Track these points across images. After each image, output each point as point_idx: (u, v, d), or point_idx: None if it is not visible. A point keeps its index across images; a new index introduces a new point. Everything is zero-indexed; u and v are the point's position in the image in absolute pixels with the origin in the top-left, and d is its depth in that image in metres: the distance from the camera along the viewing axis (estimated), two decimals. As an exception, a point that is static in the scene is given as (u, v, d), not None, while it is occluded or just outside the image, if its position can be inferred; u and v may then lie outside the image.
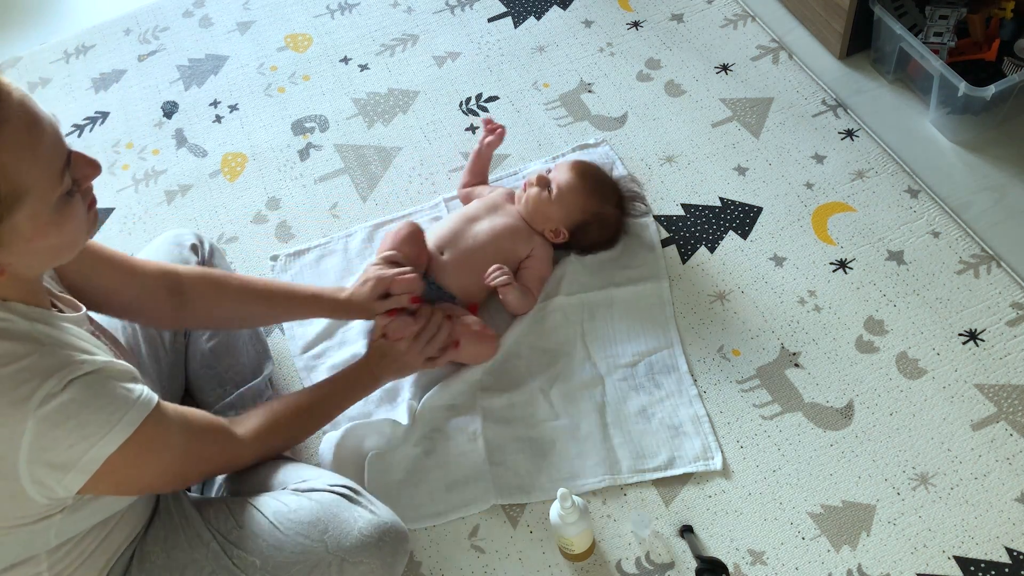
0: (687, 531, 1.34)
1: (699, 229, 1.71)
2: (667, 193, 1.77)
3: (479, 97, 2.00)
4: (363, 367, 1.37)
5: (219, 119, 2.04)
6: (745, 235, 1.69)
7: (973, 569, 1.28)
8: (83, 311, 1.06)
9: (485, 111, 1.96)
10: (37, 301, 0.97)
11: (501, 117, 1.94)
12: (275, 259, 1.75)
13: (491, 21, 2.15)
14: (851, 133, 1.82)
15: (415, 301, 1.42)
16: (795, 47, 2.00)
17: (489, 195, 1.69)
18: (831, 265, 1.62)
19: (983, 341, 1.50)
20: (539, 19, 2.14)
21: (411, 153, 1.91)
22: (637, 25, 2.09)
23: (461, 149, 1.89)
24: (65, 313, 1.02)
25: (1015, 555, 1.29)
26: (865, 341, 1.52)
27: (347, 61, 2.12)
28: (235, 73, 2.13)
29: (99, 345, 1.02)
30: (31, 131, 0.85)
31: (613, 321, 1.58)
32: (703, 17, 2.09)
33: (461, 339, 1.46)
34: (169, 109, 2.08)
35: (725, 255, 1.67)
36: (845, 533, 1.33)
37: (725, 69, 1.97)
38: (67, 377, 0.90)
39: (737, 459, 1.41)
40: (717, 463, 1.40)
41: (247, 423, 1.18)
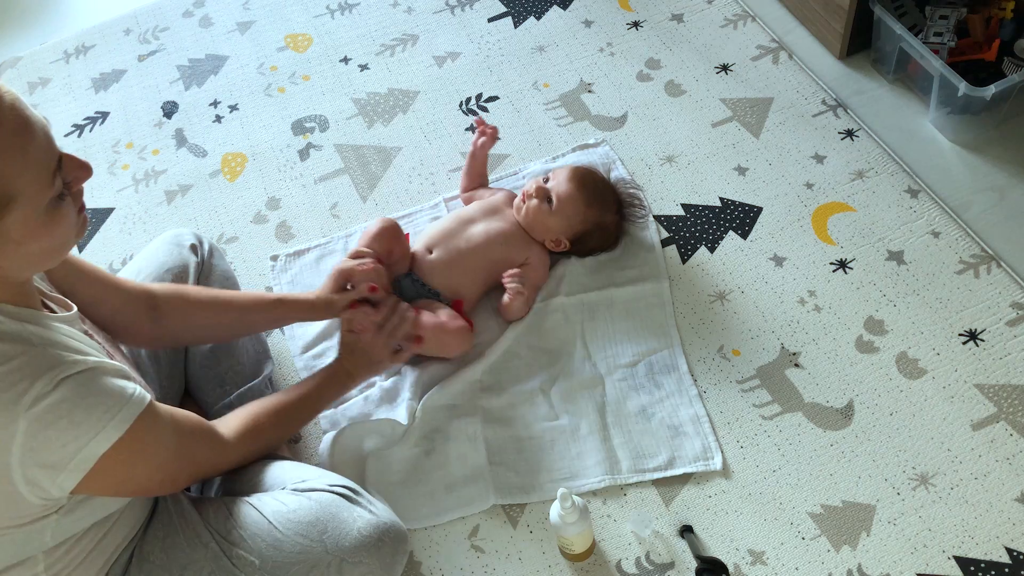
0: (687, 531, 1.34)
1: (699, 229, 1.71)
2: (667, 193, 1.77)
3: (479, 97, 1.99)
4: (336, 365, 1.36)
5: (219, 119, 2.04)
6: (745, 235, 1.69)
7: (973, 569, 1.28)
8: (75, 311, 1.06)
9: (485, 111, 1.96)
10: (27, 302, 0.97)
11: (501, 117, 1.94)
12: (275, 259, 1.75)
13: (491, 21, 2.15)
14: (851, 133, 1.82)
15: (374, 290, 1.40)
16: (795, 47, 2.00)
17: (490, 198, 1.68)
18: (831, 265, 1.62)
19: (983, 341, 1.50)
20: (539, 19, 2.14)
21: (411, 153, 1.91)
22: (637, 25, 2.09)
23: (461, 149, 1.89)
24: (57, 313, 1.02)
25: (1015, 555, 1.29)
26: (865, 341, 1.52)
27: (347, 61, 2.12)
28: (235, 73, 2.13)
29: (92, 344, 1.02)
30: (21, 134, 0.85)
31: (613, 321, 1.58)
32: (703, 17, 2.09)
33: (429, 328, 1.44)
34: (169, 109, 2.08)
35: (725, 255, 1.67)
36: (845, 533, 1.33)
37: (725, 69, 1.97)
38: (58, 377, 0.90)
39: (737, 459, 1.41)
40: (717, 463, 1.40)
41: (230, 424, 1.18)
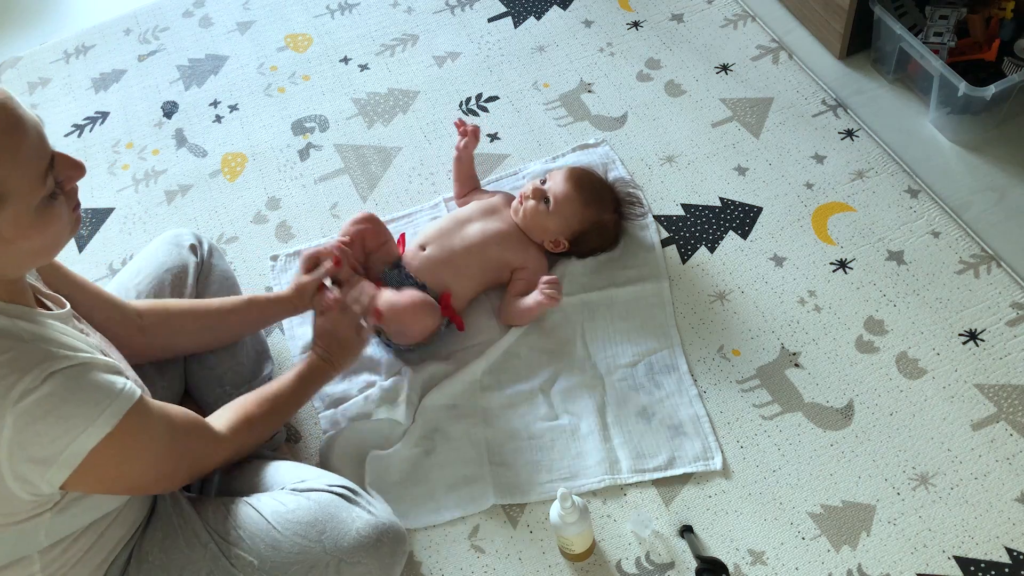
0: (687, 531, 1.34)
1: (699, 229, 1.71)
2: (667, 193, 1.77)
3: (479, 97, 1.99)
4: (314, 353, 1.35)
5: (219, 119, 2.04)
6: (745, 235, 1.69)
7: (973, 569, 1.28)
8: (67, 308, 1.05)
9: (485, 111, 1.96)
10: (19, 299, 0.97)
11: (501, 117, 1.94)
12: (275, 259, 1.75)
13: (491, 21, 2.15)
14: (851, 133, 1.81)
15: (337, 263, 1.42)
16: (795, 47, 2.00)
17: (489, 199, 1.67)
18: (831, 265, 1.62)
19: (983, 341, 1.49)
20: (539, 19, 2.14)
21: (411, 153, 1.91)
22: (637, 25, 2.09)
23: (461, 149, 1.90)
24: (51, 310, 1.02)
25: (1015, 555, 1.28)
26: (865, 341, 1.52)
27: (347, 61, 2.12)
28: (235, 73, 2.13)
29: (87, 341, 1.02)
30: (12, 133, 0.85)
31: (613, 321, 1.58)
32: (703, 17, 2.09)
33: (387, 301, 1.44)
34: (169, 109, 2.08)
35: (725, 255, 1.66)
36: (845, 533, 1.33)
37: (725, 69, 1.97)
38: (47, 371, 0.90)
39: (737, 459, 1.41)
40: (717, 463, 1.40)
41: (222, 419, 1.17)
